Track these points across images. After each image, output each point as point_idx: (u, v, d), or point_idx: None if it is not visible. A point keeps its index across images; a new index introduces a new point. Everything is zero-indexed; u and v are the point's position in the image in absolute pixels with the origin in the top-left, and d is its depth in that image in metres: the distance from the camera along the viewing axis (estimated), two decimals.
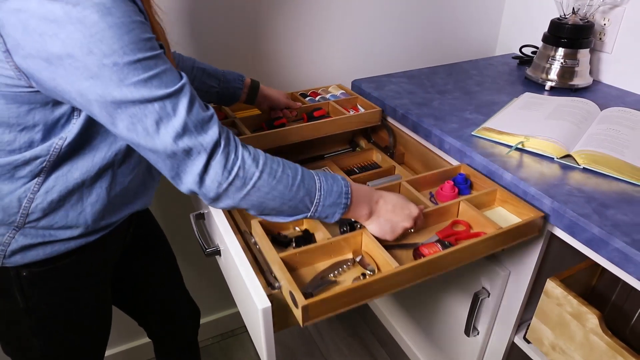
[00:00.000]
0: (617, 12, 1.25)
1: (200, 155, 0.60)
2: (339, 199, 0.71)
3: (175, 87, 0.58)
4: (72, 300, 0.78)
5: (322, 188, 0.70)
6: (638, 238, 0.71)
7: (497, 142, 1.00)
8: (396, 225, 0.77)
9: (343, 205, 0.72)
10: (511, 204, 0.89)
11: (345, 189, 0.72)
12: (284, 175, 0.66)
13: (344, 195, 0.71)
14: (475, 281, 1.06)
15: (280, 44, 1.27)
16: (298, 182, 0.67)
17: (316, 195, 0.69)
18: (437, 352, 1.34)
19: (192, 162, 0.60)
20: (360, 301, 0.69)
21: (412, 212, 0.78)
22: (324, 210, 0.71)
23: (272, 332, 0.71)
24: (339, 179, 0.72)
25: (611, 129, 1.00)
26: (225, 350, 1.62)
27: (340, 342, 1.64)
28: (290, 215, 0.70)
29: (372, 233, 0.78)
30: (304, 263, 0.77)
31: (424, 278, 0.74)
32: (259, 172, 0.64)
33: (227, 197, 0.64)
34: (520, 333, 1.04)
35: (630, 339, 0.98)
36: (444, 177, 0.97)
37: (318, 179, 0.70)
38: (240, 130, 1.07)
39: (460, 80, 1.35)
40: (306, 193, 0.68)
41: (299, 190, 0.68)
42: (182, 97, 0.58)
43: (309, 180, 0.69)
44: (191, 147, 0.59)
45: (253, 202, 0.66)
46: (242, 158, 0.63)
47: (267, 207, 0.67)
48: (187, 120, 0.58)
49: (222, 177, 0.62)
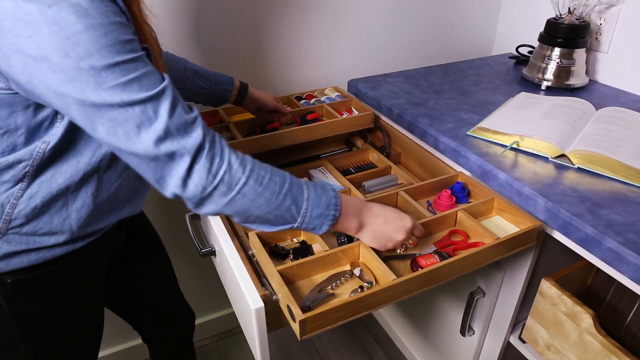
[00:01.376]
0: (613, 11, 1.25)
1: (183, 158, 0.59)
2: (327, 210, 0.69)
3: (156, 90, 0.56)
4: (59, 307, 0.77)
5: (310, 198, 0.68)
6: (631, 238, 0.71)
7: (492, 142, 1.00)
8: (390, 237, 0.75)
9: (331, 217, 0.70)
10: (509, 213, 0.89)
11: (335, 200, 0.70)
12: (271, 182, 0.64)
13: (332, 206, 0.69)
14: (471, 281, 1.06)
15: (276, 46, 1.27)
16: (285, 190, 0.65)
17: (303, 205, 0.67)
18: (433, 351, 1.34)
19: (176, 166, 0.59)
20: (358, 314, 0.70)
21: (405, 224, 0.76)
22: (311, 221, 0.69)
23: (266, 332, 0.71)
24: (329, 189, 0.71)
25: (606, 129, 1.00)
26: (223, 350, 1.62)
27: (337, 341, 1.65)
28: (275, 224, 0.68)
29: (365, 243, 0.77)
30: (301, 275, 0.77)
31: (421, 289, 0.75)
32: (245, 178, 0.62)
33: (211, 202, 0.62)
34: (515, 333, 1.04)
35: (625, 339, 0.98)
36: (441, 186, 0.98)
37: (307, 188, 0.68)
38: (234, 134, 1.08)
39: (457, 80, 1.35)
40: (293, 202, 0.66)
41: (286, 199, 0.66)
42: (164, 100, 0.57)
43: (297, 189, 0.67)
44: (174, 151, 0.58)
45: (238, 208, 0.64)
46: (228, 162, 0.61)
47: (252, 214, 0.65)
48: (169, 124, 0.57)
49: (206, 181, 0.60)
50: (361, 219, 0.74)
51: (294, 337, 1.65)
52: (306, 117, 1.16)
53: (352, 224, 0.73)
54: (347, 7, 1.32)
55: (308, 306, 0.70)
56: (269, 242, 0.83)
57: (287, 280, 0.74)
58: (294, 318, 0.65)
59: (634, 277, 0.69)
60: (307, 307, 0.70)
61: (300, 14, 1.26)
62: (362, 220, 0.74)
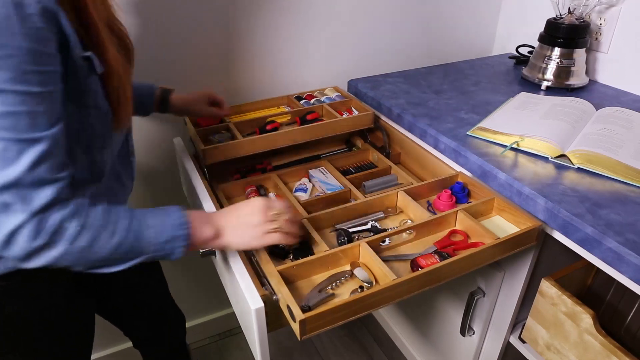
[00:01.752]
0: (613, 11, 1.25)
1: (16, 214, 0.54)
2: (175, 232, 0.65)
3: (29, 136, 0.52)
4: (45, 314, 0.75)
5: (154, 226, 0.64)
6: (631, 238, 0.71)
7: (492, 142, 1.00)
8: (251, 224, 0.71)
9: (182, 237, 0.65)
10: (509, 213, 0.89)
11: (181, 220, 0.66)
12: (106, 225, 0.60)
13: (179, 226, 0.65)
14: (471, 281, 1.06)
15: (276, 46, 1.27)
16: (124, 228, 0.62)
17: (148, 236, 0.63)
18: (433, 351, 1.34)
19: (6, 218, 0.54)
20: (358, 314, 0.70)
21: (255, 204, 0.72)
22: (162, 248, 0.65)
23: (266, 332, 0.71)
24: (172, 211, 0.66)
25: (606, 129, 1.00)
26: (223, 350, 1.62)
27: (337, 341, 1.65)
28: (122, 262, 0.64)
29: (237, 248, 0.74)
30: (301, 275, 0.77)
31: (421, 289, 0.75)
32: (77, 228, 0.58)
33: (39, 258, 0.57)
34: (515, 333, 1.04)
35: (625, 339, 0.98)
36: (441, 186, 0.98)
37: (148, 217, 0.64)
38: (234, 134, 1.08)
39: (457, 80, 1.35)
40: (136, 237, 0.62)
41: (127, 237, 0.62)
42: (32, 149, 0.53)
43: (136, 222, 0.63)
44: (11, 203, 0.53)
45: (72, 260, 0.60)
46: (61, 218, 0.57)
47: (91, 260, 0.61)
48: (23, 175, 0.52)
49: (33, 239, 0.55)
50: (215, 226, 0.70)
51: (294, 337, 1.65)
52: (306, 117, 1.16)
53: (207, 234, 0.69)
54: (347, 8, 1.32)
55: (308, 306, 0.70)
56: None
57: (287, 280, 0.74)
58: (294, 318, 0.65)
59: (634, 277, 0.69)
60: (307, 307, 0.70)
61: (300, 14, 1.26)
62: (216, 226, 0.70)
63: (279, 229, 0.72)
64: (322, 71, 1.38)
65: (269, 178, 1.06)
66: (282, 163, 1.15)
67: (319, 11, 1.29)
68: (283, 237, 0.73)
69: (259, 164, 1.13)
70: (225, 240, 0.71)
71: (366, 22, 1.37)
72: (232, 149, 1.01)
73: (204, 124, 1.14)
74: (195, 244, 0.69)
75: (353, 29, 1.36)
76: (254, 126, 1.14)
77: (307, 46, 1.32)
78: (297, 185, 1.05)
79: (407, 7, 1.41)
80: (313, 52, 1.34)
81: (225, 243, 0.71)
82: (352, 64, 1.42)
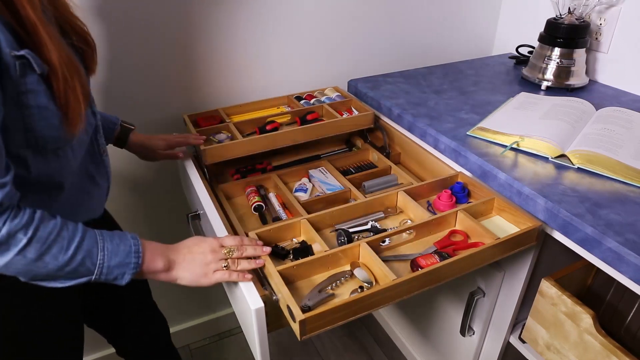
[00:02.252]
0: (613, 11, 1.25)
1: None
2: (127, 259, 0.66)
3: None
4: (33, 318, 0.75)
5: (106, 248, 0.65)
6: (631, 238, 0.71)
7: (492, 142, 1.00)
8: (200, 261, 0.72)
9: (133, 265, 0.66)
10: (509, 213, 0.89)
11: (135, 247, 0.67)
12: (58, 239, 0.60)
13: (133, 254, 0.66)
14: (471, 281, 1.06)
15: (276, 46, 1.27)
16: (75, 245, 0.62)
17: (99, 257, 0.64)
18: (433, 351, 1.34)
19: None
20: (358, 314, 0.70)
21: (208, 242, 0.74)
22: (110, 272, 0.65)
23: (266, 332, 0.71)
24: (128, 237, 0.67)
25: (606, 129, 1.00)
26: (223, 350, 1.62)
27: (336, 341, 1.65)
28: (68, 279, 0.64)
29: (186, 284, 0.73)
30: (301, 276, 0.77)
31: (421, 289, 0.75)
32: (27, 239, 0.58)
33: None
34: (515, 333, 1.04)
35: (625, 339, 0.98)
36: (441, 186, 0.98)
37: (101, 239, 0.65)
38: (234, 134, 1.08)
39: (457, 80, 1.35)
40: (87, 255, 0.63)
41: (77, 254, 0.62)
42: None
43: (89, 241, 0.63)
44: None
45: (19, 270, 0.59)
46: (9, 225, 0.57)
47: (38, 274, 0.61)
48: None
49: None
50: (167, 258, 0.71)
51: (294, 337, 1.65)
52: (306, 117, 1.16)
53: (159, 265, 0.70)
54: (347, 8, 1.32)
55: (308, 306, 0.70)
56: (269, 243, 0.83)
57: (287, 280, 0.74)
58: (294, 318, 0.65)
59: (634, 277, 0.69)
60: (307, 307, 0.70)
61: (300, 14, 1.26)
62: (170, 258, 0.71)
63: (226, 268, 0.73)
64: (322, 71, 1.38)
65: (269, 178, 1.06)
66: (282, 163, 1.15)
67: (319, 11, 1.29)
68: (228, 275, 0.73)
69: (259, 164, 1.13)
70: (175, 274, 0.72)
71: (366, 22, 1.37)
72: (232, 149, 1.01)
73: (204, 124, 1.14)
74: (144, 273, 0.69)
75: (353, 29, 1.36)
76: (254, 126, 1.14)
77: (307, 46, 1.32)
78: (297, 185, 1.05)
79: (407, 7, 1.41)
80: (313, 52, 1.34)
81: (175, 277, 0.72)
82: (352, 64, 1.42)
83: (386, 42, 1.44)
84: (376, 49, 1.44)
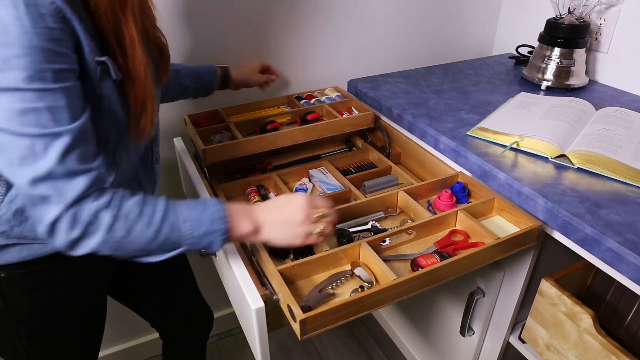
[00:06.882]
0: (613, 12, 1.25)
1: (55, 205, 0.56)
2: (213, 226, 0.65)
3: (53, 130, 0.54)
4: (54, 304, 0.77)
5: (191, 218, 0.64)
6: (631, 238, 0.71)
7: (491, 142, 1.00)
8: (291, 222, 0.70)
9: (220, 231, 0.65)
10: (509, 213, 0.89)
11: (219, 213, 0.65)
12: (141, 216, 0.61)
13: (218, 220, 0.65)
14: (471, 281, 1.06)
15: (276, 46, 1.27)
16: (159, 219, 0.62)
17: (184, 228, 0.64)
18: (432, 351, 1.34)
19: (46, 210, 0.56)
20: (359, 314, 0.70)
21: (298, 201, 0.71)
22: (200, 241, 0.65)
23: (266, 332, 0.71)
24: (210, 204, 0.66)
25: (606, 129, 1.00)
26: (223, 350, 1.62)
27: (336, 341, 1.65)
28: (161, 253, 0.65)
29: (276, 245, 0.72)
30: (301, 275, 0.77)
31: (421, 289, 0.75)
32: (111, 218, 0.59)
33: (81, 247, 0.60)
34: (515, 333, 1.04)
35: (625, 339, 0.98)
36: (441, 186, 0.98)
37: (186, 209, 0.65)
38: (234, 134, 1.08)
39: (456, 80, 1.35)
40: (171, 228, 0.63)
41: (162, 228, 0.62)
42: (58, 142, 0.54)
43: (172, 214, 0.63)
44: (48, 196, 0.55)
45: (110, 248, 0.61)
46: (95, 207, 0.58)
47: (129, 250, 0.63)
48: (54, 168, 0.54)
49: (72, 228, 0.58)
50: (254, 220, 0.69)
51: (294, 337, 1.65)
52: (306, 117, 1.16)
53: (247, 228, 0.68)
54: (347, 8, 1.32)
55: (308, 306, 0.70)
56: None
57: (288, 280, 0.74)
58: (295, 318, 0.65)
59: (634, 277, 0.69)
60: (307, 306, 0.70)
61: (300, 14, 1.26)
62: (256, 220, 0.69)
63: (320, 232, 0.71)
64: (322, 71, 1.38)
65: (269, 178, 1.06)
66: (282, 163, 1.15)
67: (319, 11, 1.29)
68: (322, 239, 0.72)
69: (259, 164, 1.13)
70: (264, 236, 0.71)
71: (366, 22, 1.38)
72: (232, 149, 1.01)
73: (204, 124, 1.14)
74: (233, 237, 0.68)
75: (353, 29, 1.37)
76: (254, 126, 1.14)
77: (307, 46, 1.32)
78: (297, 185, 1.05)
79: (407, 7, 1.41)
80: (313, 52, 1.34)
81: (265, 239, 0.71)
82: (352, 64, 1.42)
83: (386, 42, 1.44)
84: (376, 49, 1.44)
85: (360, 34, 1.38)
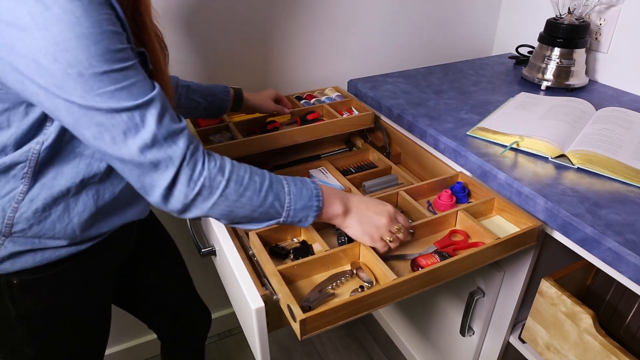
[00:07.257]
0: (613, 12, 1.25)
1: (168, 169, 0.60)
2: (310, 202, 0.70)
3: (144, 99, 0.57)
4: (65, 309, 0.77)
5: (292, 192, 0.69)
6: (631, 238, 0.71)
7: (491, 142, 1.00)
8: (375, 222, 0.75)
9: (315, 207, 0.71)
10: (509, 213, 0.89)
11: (316, 191, 0.71)
12: (251, 182, 0.66)
13: (314, 197, 0.71)
14: (471, 281, 1.06)
15: (276, 46, 1.27)
16: (266, 187, 0.67)
17: (286, 200, 0.69)
18: (433, 351, 1.34)
19: (160, 175, 0.60)
20: (359, 314, 0.70)
21: (387, 208, 0.77)
22: (296, 214, 0.70)
23: (266, 332, 0.71)
24: (308, 182, 0.72)
25: (606, 129, 1.00)
26: (223, 350, 1.62)
27: (337, 341, 1.65)
28: (262, 221, 0.70)
29: (351, 233, 0.77)
30: (301, 275, 0.77)
31: (422, 289, 0.75)
32: (225, 181, 0.63)
33: (195, 208, 0.63)
34: (515, 333, 1.04)
35: (625, 339, 0.98)
36: (441, 186, 0.98)
37: (286, 183, 0.70)
38: (234, 134, 1.08)
39: (456, 80, 1.35)
40: (276, 198, 0.68)
41: (268, 196, 0.67)
42: (151, 109, 0.58)
43: (277, 185, 0.68)
44: (159, 160, 0.59)
45: (222, 211, 0.65)
46: (208, 168, 0.62)
47: (238, 215, 0.67)
48: (156, 132, 0.58)
49: (188, 188, 0.61)
50: (345, 204, 0.75)
51: (294, 337, 1.65)
52: (306, 117, 1.16)
53: (338, 210, 0.74)
54: (347, 8, 1.32)
55: (308, 306, 0.70)
56: (269, 242, 0.83)
57: (288, 280, 0.74)
58: (295, 318, 0.65)
59: (634, 277, 0.69)
60: (307, 306, 0.70)
61: (300, 14, 1.26)
62: (347, 205, 0.75)
63: (392, 242, 0.77)
64: (322, 71, 1.38)
65: None
66: (282, 163, 1.15)
67: (319, 11, 1.29)
68: (386, 249, 0.77)
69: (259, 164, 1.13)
70: (348, 222, 0.75)
71: (366, 22, 1.38)
72: (232, 149, 1.01)
73: (204, 124, 1.14)
74: (324, 216, 0.73)
75: (353, 29, 1.37)
76: (253, 126, 1.14)
77: (307, 46, 1.32)
78: None
79: (407, 7, 1.41)
80: (313, 52, 1.34)
81: (347, 225, 0.76)
82: (352, 64, 1.42)
83: (386, 42, 1.44)
84: (376, 49, 1.44)
85: (360, 34, 1.38)
